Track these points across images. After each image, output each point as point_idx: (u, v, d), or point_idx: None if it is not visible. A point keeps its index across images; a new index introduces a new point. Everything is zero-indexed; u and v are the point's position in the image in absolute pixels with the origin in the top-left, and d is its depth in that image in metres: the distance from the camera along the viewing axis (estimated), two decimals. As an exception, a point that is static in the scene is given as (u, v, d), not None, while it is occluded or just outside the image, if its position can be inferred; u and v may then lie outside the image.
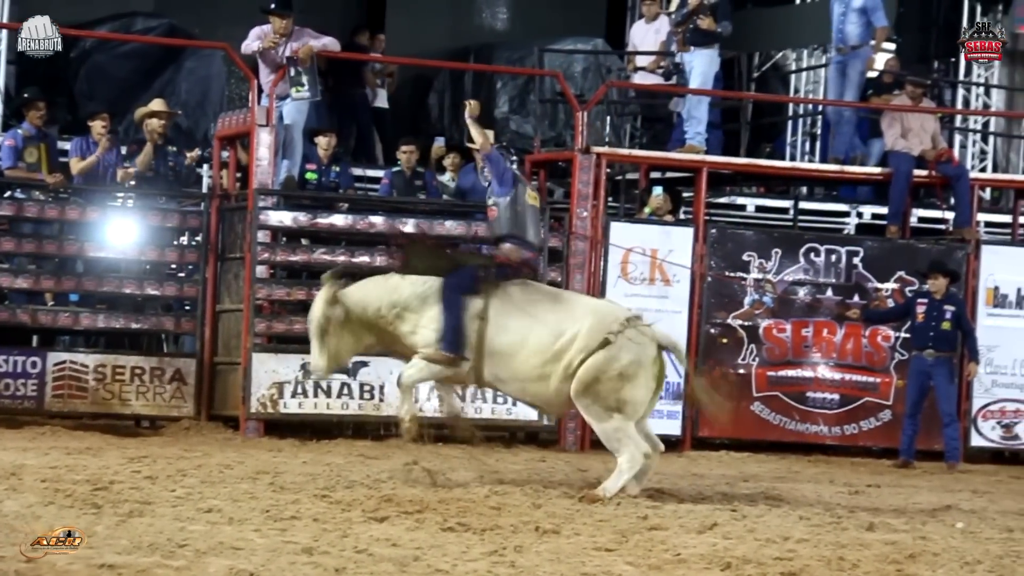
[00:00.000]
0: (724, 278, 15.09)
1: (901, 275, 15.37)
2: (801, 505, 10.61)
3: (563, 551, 8.01)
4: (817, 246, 15.42)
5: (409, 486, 10.23)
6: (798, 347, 15.28)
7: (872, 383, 15.36)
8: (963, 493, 12.33)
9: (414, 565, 7.39)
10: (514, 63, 19.05)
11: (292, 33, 14.59)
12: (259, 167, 14.31)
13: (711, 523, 9.21)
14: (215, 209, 14.71)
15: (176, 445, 13.13)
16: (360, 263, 14.43)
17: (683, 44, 15.98)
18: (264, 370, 14.21)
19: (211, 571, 6.97)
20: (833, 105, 16.62)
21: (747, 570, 7.67)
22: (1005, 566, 8.26)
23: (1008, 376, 15.51)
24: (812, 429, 15.28)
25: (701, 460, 14.29)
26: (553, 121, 18.84)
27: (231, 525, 8.34)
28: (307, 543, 7.82)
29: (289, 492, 9.82)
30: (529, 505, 9.66)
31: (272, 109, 14.37)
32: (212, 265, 14.68)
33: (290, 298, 14.57)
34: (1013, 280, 15.51)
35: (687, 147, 15.71)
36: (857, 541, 8.82)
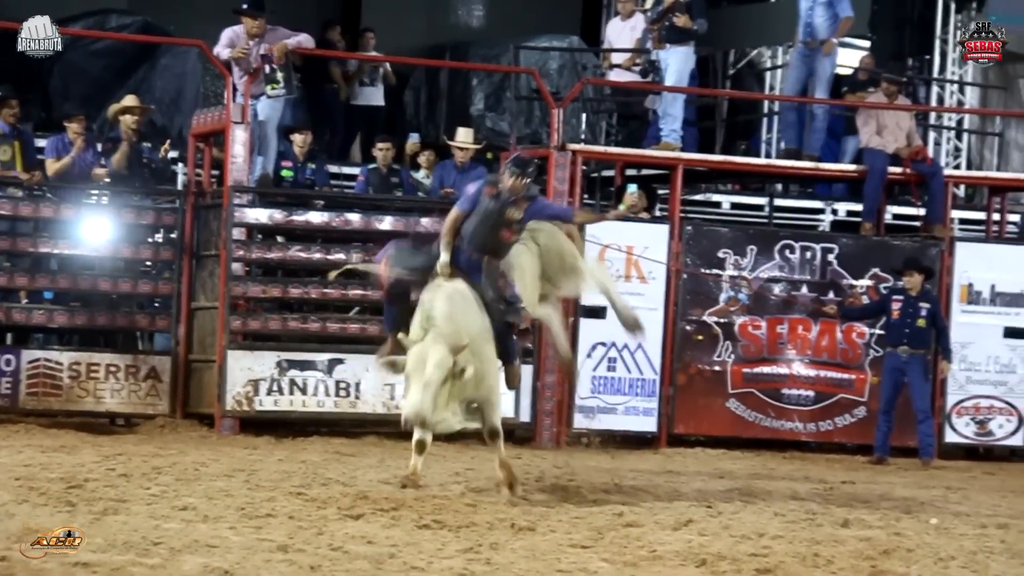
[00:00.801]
0: (700, 275, 15.11)
1: (876, 272, 15.41)
2: (776, 502, 10.63)
3: (538, 548, 8.01)
4: (792, 243, 15.45)
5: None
6: (773, 344, 15.31)
7: (847, 380, 15.39)
8: (937, 489, 12.37)
9: (389, 562, 7.39)
10: (490, 60, 19.04)
11: (264, 33, 14.57)
12: (234, 164, 14.29)
13: (686, 520, 9.22)
14: (190, 206, 14.67)
15: (151, 443, 13.11)
16: (336, 260, 14.43)
17: (658, 41, 16.00)
18: (239, 368, 14.18)
19: (186, 569, 6.96)
20: (808, 103, 16.64)
21: (722, 567, 7.69)
22: (979, 562, 8.29)
23: (982, 373, 15.56)
24: (787, 426, 15.31)
25: (676, 457, 14.31)
26: (529, 118, 18.83)
27: (206, 523, 8.32)
28: (282, 541, 7.81)
29: (264, 490, 9.81)
30: (505, 502, 9.66)
31: (247, 106, 14.34)
32: (187, 262, 14.64)
33: (265, 295, 14.57)
34: (987, 277, 15.55)
35: (662, 144, 15.73)
36: (832, 537, 8.84)
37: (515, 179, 10.20)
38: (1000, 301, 15.57)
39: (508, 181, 10.20)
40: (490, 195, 10.23)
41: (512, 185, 10.17)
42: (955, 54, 19.75)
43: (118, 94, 16.13)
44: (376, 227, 14.64)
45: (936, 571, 7.92)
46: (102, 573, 6.80)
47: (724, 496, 10.79)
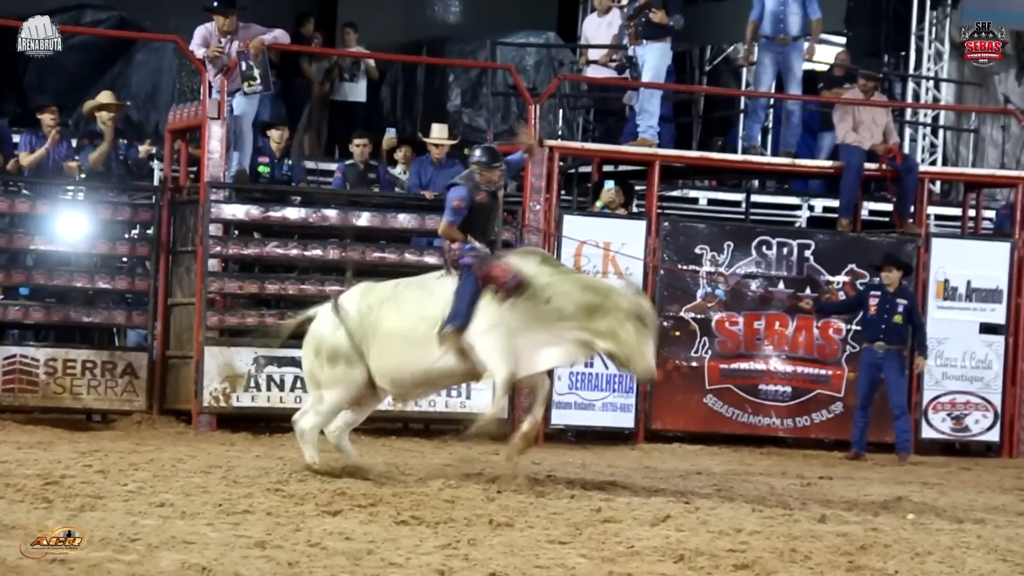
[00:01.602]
0: (677, 271, 15.12)
1: (852, 268, 15.44)
2: (753, 497, 10.65)
3: (517, 544, 8.01)
4: (769, 239, 15.48)
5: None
6: (750, 340, 15.33)
7: (824, 375, 15.42)
8: (914, 485, 12.40)
9: (367, 559, 7.38)
10: (466, 56, 19.02)
11: (237, 30, 14.54)
12: (211, 160, 14.26)
13: (664, 515, 9.23)
14: (166, 202, 14.64)
15: (128, 439, 13.08)
16: (312, 256, 14.42)
17: (635, 38, 16.00)
18: (216, 364, 14.16)
19: (163, 565, 6.95)
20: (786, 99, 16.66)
21: (700, 562, 7.70)
22: (955, 557, 8.31)
23: (958, 368, 15.61)
24: (764, 422, 15.33)
25: (654, 453, 14.33)
26: (506, 114, 18.82)
27: (183, 519, 8.31)
28: (260, 537, 7.80)
29: (242, 486, 9.80)
30: (483, 498, 9.66)
31: (223, 102, 14.31)
32: (164, 259, 14.61)
33: (242, 291, 14.54)
34: (963, 273, 15.60)
35: (639, 140, 15.73)
36: (809, 533, 8.86)
37: (494, 172, 10.63)
38: (976, 297, 15.62)
39: (490, 176, 10.58)
40: (482, 200, 10.65)
41: (490, 178, 10.61)
42: (930, 50, 19.81)
43: (93, 89, 16.07)
44: (353, 223, 14.63)
45: (913, 566, 7.94)
46: (79, 570, 6.78)
47: (702, 492, 10.81)
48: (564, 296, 10.34)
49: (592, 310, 10.29)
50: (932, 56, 19.80)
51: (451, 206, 10.72)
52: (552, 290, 10.36)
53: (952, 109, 19.94)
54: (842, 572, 7.68)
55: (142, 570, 6.84)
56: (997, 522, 9.97)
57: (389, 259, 14.66)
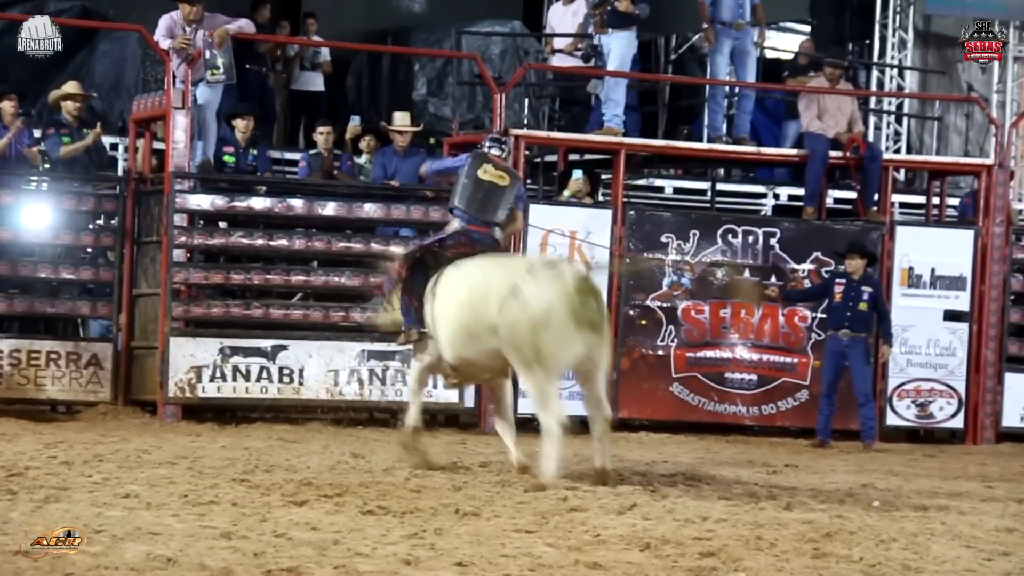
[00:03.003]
0: (642, 259, 15.13)
1: (817, 256, 15.48)
2: (719, 485, 10.68)
3: (483, 533, 8.01)
4: (734, 227, 15.50)
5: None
6: (716, 328, 15.36)
7: (789, 363, 15.47)
8: (879, 472, 12.45)
9: (334, 549, 7.38)
10: (432, 45, 19.01)
11: (202, 19, 14.50)
12: (175, 150, 14.20)
13: (630, 504, 9.24)
14: (131, 192, 14.59)
15: (93, 430, 13.03)
16: (277, 246, 14.40)
17: (601, 26, 16.00)
18: (182, 354, 14.12)
19: (128, 557, 6.93)
20: (749, 87, 16.70)
21: (666, 550, 7.71)
22: (920, 544, 8.35)
23: (923, 356, 15.67)
24: (730, 410, 15.37)
25: (620, 441, 14.31)
26: (471, 103, 18.81)
27: (149, 510, 8.29)
28: (226, 528, 7.79)
29: (207, 477, 9.77)
30: (449, 488, 9.67)
31: (188, 92, 14.26)
32: (128, 249, 14.56)
33: (208, 282, 14.51)
34: (927, 260, 15.65)
35: (605, 129, 15.74)
36: (775, 520, 8.88)
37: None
38: (940, 284, 15.68)
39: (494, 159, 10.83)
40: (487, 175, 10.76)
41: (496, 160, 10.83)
42: (894, 39, 19.88)
43: (58, 79, 16.01)
44: (319, 213, 14.61)
45: (878, 553, 7.97)
46: (44, 561, 6.75)
47: (668, 480, 10.83)
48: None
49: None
50: (896, 44, 19.88)
51: (449, 161, 11.29)
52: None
53: (916, 97, 20.02)
54: (807, 559, 7.70)
55: (107, 561, 6.82)
56: (961, 509, 10.01)
57: (355, 249, 14.65)
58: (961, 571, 7.70)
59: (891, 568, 7.60)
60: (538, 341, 9.87)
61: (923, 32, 20.20)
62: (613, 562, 7.36)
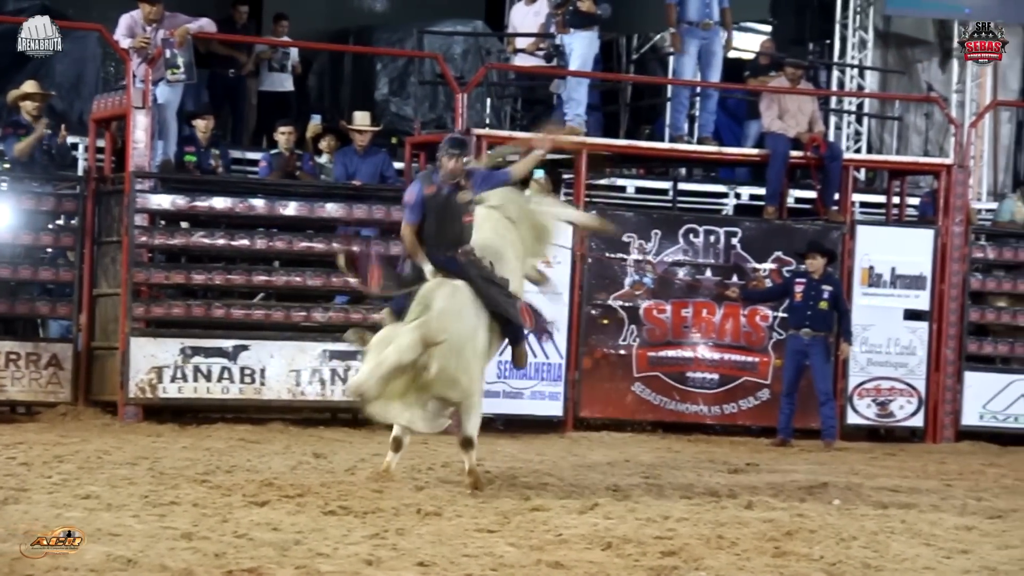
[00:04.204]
0: (604, 259, 15.16)
1: (778, 255, 15.52)
2: (681, 485, 10.70)
3: (445, 533, 8.02)
4: (696, 227, 15.54)
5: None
6: (678, 328, 15.38)
7: (750, 363, 15.51)
8: (839, 471, 12.49)
9: (295, 549, 7.37)
10: (393, 45, 18.97)
11: (163, 18, 14.45)
12: (135, 150, 14.15)
13: (592, 503, 9.26)
14: (91, 192, 14.53)
15: (53, 431, 12.97)
16: (239, 246, 14.37)
17: (562, 26, 16.02)
18: (143, 355, 14.07)
19: (88, 558, 6.90)
20: (711, 87, 16.73)
21: (628, 549, 7.73)
22: (880, 542, 8.39)
23: (883, 355, 15.73)
24: (692, 409, 15.40)
25: (582, 441, 14.36)
26: (433, 103, 18.79)
27: (109, 511, 8.26)
28: (186, 528, 7.77)
29: (168, 477, 9.75)
30: (411, 488, 9.67)
31: (148, 91, 14.21)
32: (88, 249, 14.50)
33: (169, 282, 14.46)
34: (887, 260, 15.71)
35: (567, 129, 15.73)
36: (736, 519, 8.91)
37: (454, 160, 10.07)
38: (900, 284, 15.74)
39: (448, 164, 10.05)
40: (433, 193, 10.10)
41: (452, 168, 10.06)
42: (855, 39, 19.94)
43: (17, 78, 15.92)
44: (280, 212, 14.58)
45: (838, 551, 8.00)
46: (2, 563, 6.72)
47: (629, 479, 10.85)
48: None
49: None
50: (856, 44, 19.94)
51: (404, 203, 10.25)
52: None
53: (876, 97, 20.09)
54: (768, 558, 7.73)
55: (67, 562, 6.80)
56: (921, 507, 10.07)
57: (317, 249, 14.62)
58: (920, 569, 7.74)
59: (851, 566, 7.64)
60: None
61: (883, 32, 20.28)
62: (575, 561, 7.37)
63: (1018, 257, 16.44)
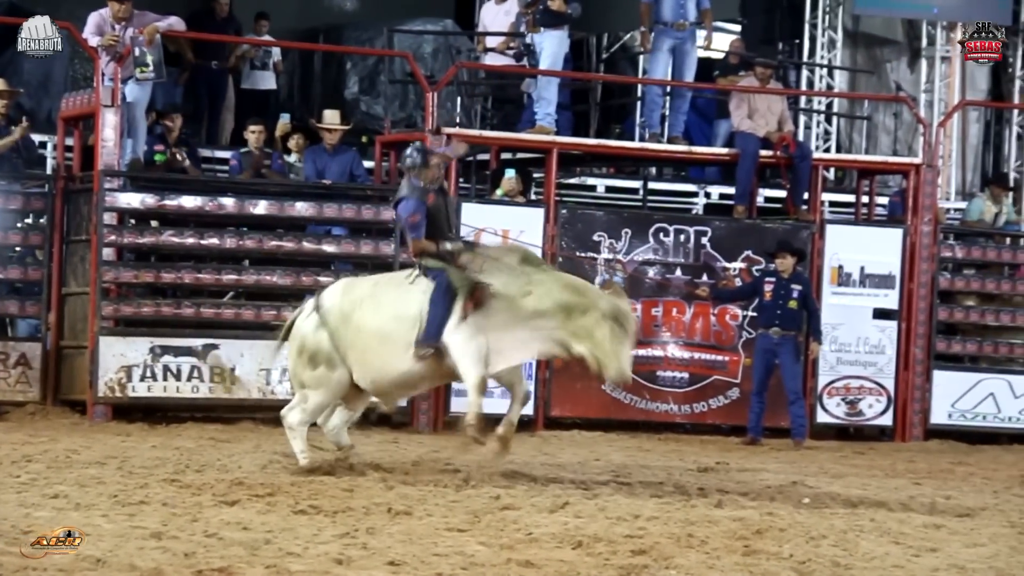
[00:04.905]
0: (575, 258, 15.17)
1: (748, 254, 15.56)
2: (651, 483, 10.71)
3: (415, 532, 8.01)
4: (666, 226, 15.56)
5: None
6: (648, 327, 15.40)
7: (720, 361, 15.54)
8: (809, 469, 12.53)
9: (265, 548, 7.35)
10: (363, 44, 18.94)
11: (132, 16, 14.41)
12: (104, 148, 14.11)
13: (563, 502, 9.26)
14: (60, 191, 14.49)
15: (21, 431, 12.93)
16: (209, 245, 14.33)
17: (533, 25, 16.02)
18: (112, 354, 14.03)
19: (57, 558, 6.88)
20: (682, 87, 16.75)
21: (598, 548, 7.73)
22: (849, 540, 8.41)
23: (852, 353, 15.78)
24: (662, 408, 15.42)
25: (553, 440, 14.36)
26: (403, 102, 18.77)
27: (78, 511, 8.23)
28: (156, 528, 7.75)
29: (138, 477, 9.72)
30: (382, 487, 9.66)
31: (117, 89, 14.17)
32: (57, 247, 14.46)
33: (138, 281, 14.42)
34: (856, 259, 15.76)
35: (537, 128, 15.76)
36: (706, 518, 8.93)
37: (431, 169, 10.52)
38: (870, 283, 15.80)
39: (433, 172, 10.50)
40: (432, 202, 10.52)
41: (436, 175, 10.57)
42: (824, 38, 20.00)
43: (-17, 76, 15.86)
44: (250, 211, 14.55)
45: (808, 550, 8.02)
46: (-29, 564, 6.71)
47: (600, 478, 10.86)
48: (543, 294, 10.19)
49: (570, 309, 10.14)
50: (825, 44, 19.99)
51: (409, 224, 10.54)
52: (531, 287, 10.19)
53: (845, 96, 20.15)
54: (738, 556, 7.74)
55: (35, 562, 6.77)
56: (890, 505, 10.09)
57: (286, 247, 14.60)
58: (889, 567, 7.76)
59: (821, 565, 7.66)
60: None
61: (852, 32, 20.34)
62: (545, 560, 7.37)
63: (986, 256, 16.54)
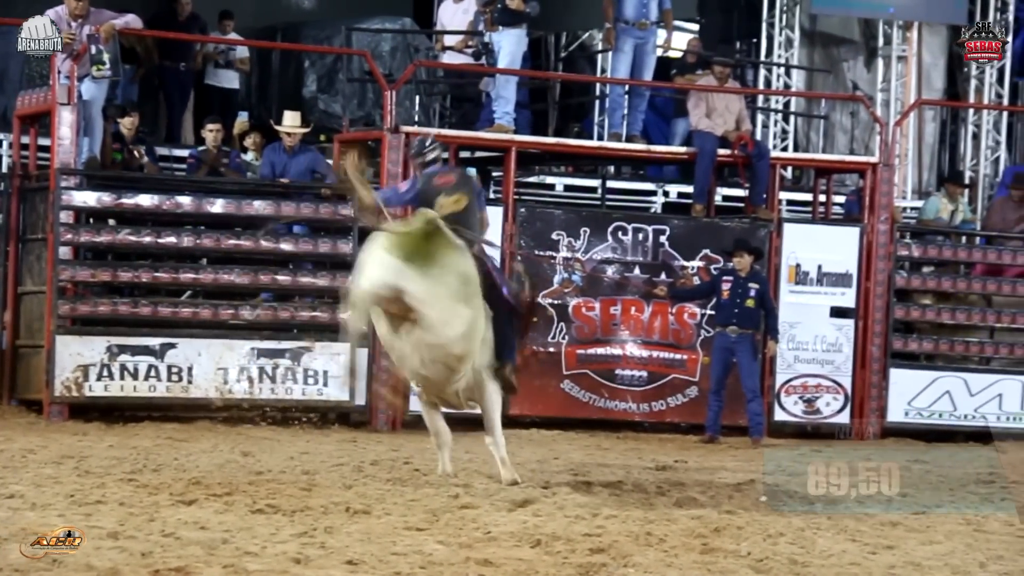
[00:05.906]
0: (533, 257, 15.18)
1: (706, 253, 15.60)
2: (610, 482, 10.73)
3: (374, 531, 8.00)
4: (625, 225, 15.59)
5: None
6: (607, 325, 15.43)
7: (679, 360, 15.58)
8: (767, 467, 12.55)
9: (223, 548, 7.33)
10: (321, 42, 18.90)
11: (89, 14, 14.35)
12: (61, 146, 14.04)
13: (522, 501, 9.26)
14: (16, 189, 14.42)
15: (-23, 431, 12.86)
16: (166, 244, 14.28)
17: (491, 24, 16.02)
18: (68, 353, 13.96)
19: (12, 558, 6.84)
20: (641, 85, 16.79)
21: (557, 546, 7.74)
22: (806, 538, 8.44)
23: (809, 352, 15.83)
24: (621, 406, 15.45)
25: (512, 439, 14.23)
26: (362, 100, 18.74)
27: (34, 511, 8.19)
28: (113, 527, 7.72)
29: (95, 476, 9.68)
30: (340, 486, 9.64)
31: (73, 87, 14.10)
32: (13, 246, 14.38)
33: (95, 279, 14.35)
34: (814, 257, 15.82)
35: (496, 127, 15.76)
36: (664, 516, 8.95)
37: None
38: (827, 281, 15.86)
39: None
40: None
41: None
42: (781, 37, 20.06)
43: (-60, 75, 15.79)
44: (207, 210, 14.50)
45: (765, 547, 8.05)
46: (-74, 565, 6.67)
47: (559, 477, 10.86)
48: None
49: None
50: (783, 43, 20.05)
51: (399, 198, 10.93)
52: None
53: (803, 95, 20.21)
54: (696, 554, 7.76)
55: (-10, 563, 6.75)
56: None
57: (244, 246, 14.56)
58: (847, 565, 7.79)
59: (778, 562, 7.68)
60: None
61: (809, 31, 20.41)
62: (504, 559, 7.38)
63: (943, 255, 16.63)
